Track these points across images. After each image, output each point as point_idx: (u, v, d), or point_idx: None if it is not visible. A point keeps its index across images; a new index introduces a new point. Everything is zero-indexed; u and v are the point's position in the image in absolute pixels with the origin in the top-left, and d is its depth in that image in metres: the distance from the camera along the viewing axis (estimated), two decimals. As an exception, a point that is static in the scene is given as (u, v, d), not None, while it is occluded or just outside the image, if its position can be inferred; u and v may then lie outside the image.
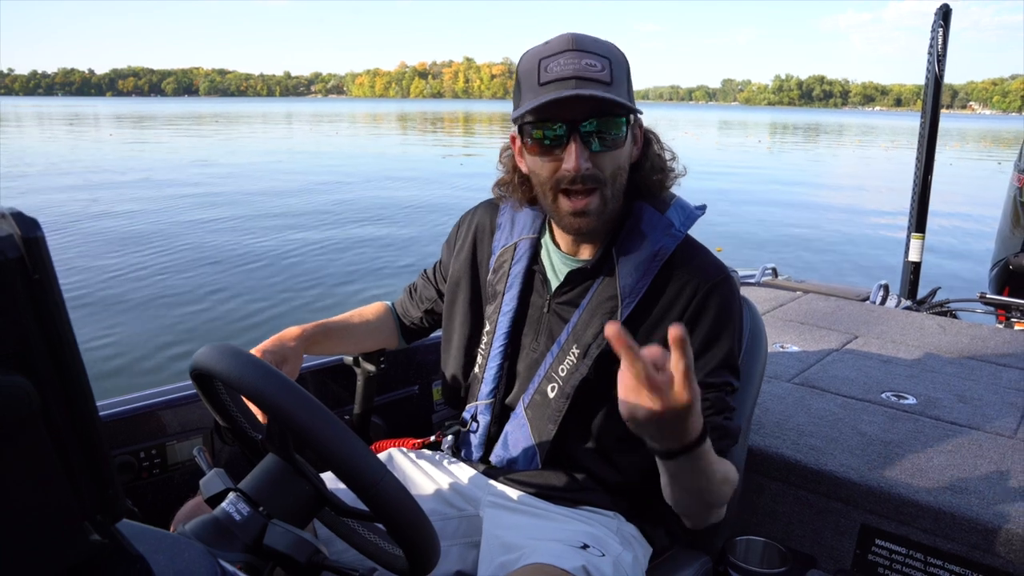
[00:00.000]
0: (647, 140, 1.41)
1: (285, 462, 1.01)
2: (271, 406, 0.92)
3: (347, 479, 0.92)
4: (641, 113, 1.33)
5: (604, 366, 1.37)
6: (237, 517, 0.94)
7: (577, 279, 1.43)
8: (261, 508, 0.96)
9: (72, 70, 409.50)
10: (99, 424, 0.61)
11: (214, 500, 0.99)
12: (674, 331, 0.91)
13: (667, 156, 1.43)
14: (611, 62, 1.26)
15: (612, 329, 0.90)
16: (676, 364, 0.94)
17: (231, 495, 0.98)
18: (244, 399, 1.13)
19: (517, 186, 1.48)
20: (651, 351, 0.96)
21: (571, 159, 1.25)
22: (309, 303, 7.40)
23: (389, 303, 1.82)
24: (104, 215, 12.28)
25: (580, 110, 1.24)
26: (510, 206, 1.55)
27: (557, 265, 1.47)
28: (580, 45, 1.26)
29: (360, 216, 12.84)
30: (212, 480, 1.01)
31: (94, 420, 0.60)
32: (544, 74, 1.25)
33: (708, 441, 1.10)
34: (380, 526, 1.11)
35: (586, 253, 1.44)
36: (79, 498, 0.61)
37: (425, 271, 1.77)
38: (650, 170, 1.40)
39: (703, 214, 1.46)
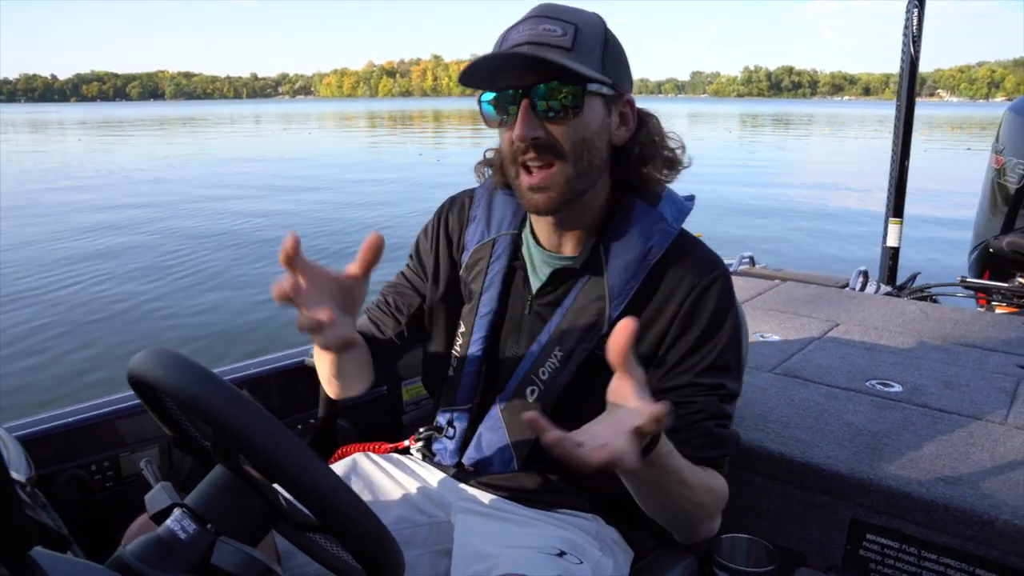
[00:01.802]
0: (641, 123, 1.30)
1: (234, 474, 0.93)
2: (205, 412, 0.83)
3: (295, 492, 0.83)
4: (608, 82, 1.20)
5: (589, 371, 1.27)
6: (182, 535, 0.86)
7: (561, 278, 1.33)
8: (209, 525, 0.88)
9: (34, 76, 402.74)
10: None
11: (160, 516, 0.90)
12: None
13: (673, 144, 1.33)
14: (577, 28, 1.17)
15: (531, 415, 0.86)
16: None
17: (176, 511, 0.89)
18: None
19: (498, 167, 1.38)
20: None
21: (518, 125, 1.16)
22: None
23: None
24: (60, 216, 12.19)
25: (531, 76, 1.15)
26: (485, 195, 1.46)
27: (539, 264, 1.37)
28: (546, 11, 1.19)
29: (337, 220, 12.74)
30: (158, 495, 0.92)
31: None
32: (502, 44, 1.19)
33: (667, 446, 1.04)
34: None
35: (569, 249, 1.33)
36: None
37: (400, 274, 1.58)
38: (638, 157, 1.29)
39: (693, 205, 1.36)
